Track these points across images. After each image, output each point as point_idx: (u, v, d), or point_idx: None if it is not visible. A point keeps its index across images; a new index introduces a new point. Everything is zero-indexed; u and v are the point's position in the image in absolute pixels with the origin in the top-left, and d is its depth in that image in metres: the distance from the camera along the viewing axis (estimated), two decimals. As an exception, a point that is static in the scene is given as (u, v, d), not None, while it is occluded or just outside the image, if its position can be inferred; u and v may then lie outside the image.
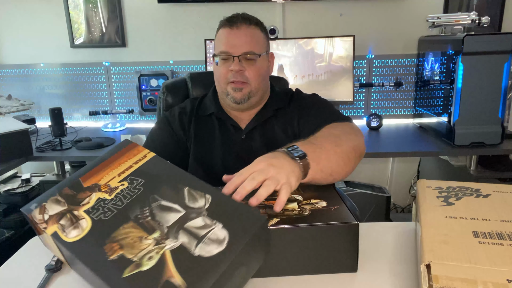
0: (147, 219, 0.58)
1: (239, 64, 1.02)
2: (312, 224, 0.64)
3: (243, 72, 1.03)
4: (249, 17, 1.07)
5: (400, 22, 2.26)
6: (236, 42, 1.03)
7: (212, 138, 1.10)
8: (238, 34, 1.04)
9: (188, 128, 1.12)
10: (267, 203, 0.72)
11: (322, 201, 0.72)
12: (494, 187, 0.77)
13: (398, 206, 2.50)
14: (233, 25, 1.04)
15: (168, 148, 1.10)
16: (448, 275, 0.51)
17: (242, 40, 1.03)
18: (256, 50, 1.04)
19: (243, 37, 1.03)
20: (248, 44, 1.03)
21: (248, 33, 1.05)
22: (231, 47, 1.03)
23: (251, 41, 1.04)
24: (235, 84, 1.04)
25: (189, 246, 0.53)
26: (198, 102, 1.16)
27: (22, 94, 2.39)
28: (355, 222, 0.65)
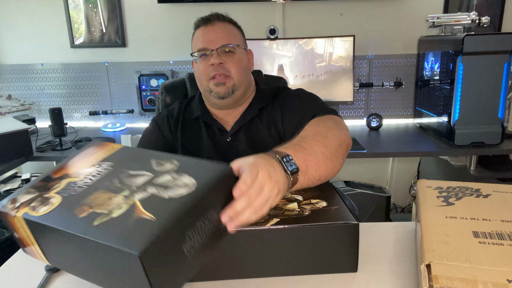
0: (117, 185, 0.58)
1: (218, 57, 1.02)
2: (312, 224, 0.64)
3: (224, 65, 1.03)
4: (221, 14, 1.10)
5: (400, 22, 2.26)
6: (212, 36, 1.04)
7: (199, 141, 1.09)
8: (213, 29, 1.05)
9: (175, 131, 1.11)
10: None
11: (322, 201, 0.72)
12: (494, 187, 0.77)
13: (398, 206, 2.50)
14: (207, 22, 1.06)
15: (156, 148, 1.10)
16: (448, 275, 0.51)
17: (218, 34, 1.04)
18: (233, 42, 1.05)
19: (218, 31, 1.05)
20: (224, 37, 1.04)
21: (223, 27, 1.06)
22: (208, 42, 1.04)
23: (228, 34, 1.05)
24: (216, 78, 1.03)
25: (159, 194, 0.53)
26: (185, 104, 1.15)
27: (22, 94, 2.39)
28: (355, 222, 0.65)
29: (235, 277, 0.66)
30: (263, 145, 1.04)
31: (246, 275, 0.66)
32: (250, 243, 0.64)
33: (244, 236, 0.64)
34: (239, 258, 0.65)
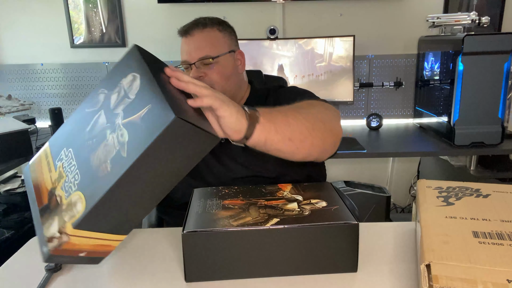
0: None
1: (197, 70, 1.01)
2: (312, 224, 0.64)
3: (203, 78, 1.02)
4: (202, 20, 1.06)
5: (400, 22, 2.26)
6: (190, 49, 1.02)
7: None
8: (191, 41, 1.03)
9: None
10: (267, 203, 0.72)
11: (322, 201, 0.72)
12: (494, 187, 0.77)
13: (398, 206, 2.50)
14: (185, 33, 1.04)
15: None
16: (448, 275, 0.51)
17: (195, 46, 1.02)
18: (212, 53, 1.02)
19: (196, 43, 1.03)
20: (201, 49, 1.02)
21: (201, 37, 1.03)
22: (187, 55, 1.03)
23: (205, 45, 1.03)
24: None
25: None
26: None
27: (22, 94, 2.39)
28: (355, 222, 0.65)
29: (235, 277, 0.66)
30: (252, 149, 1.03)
31: (246, 275, 0.66)
32: (249, 243, 0.64)
33: (244, 236, 0.64)
34: (239, 258, 0.65)
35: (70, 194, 0.58)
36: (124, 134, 0.56)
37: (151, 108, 0.55)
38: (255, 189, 0.80)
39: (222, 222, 0.65)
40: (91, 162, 0.58)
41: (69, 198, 0.57)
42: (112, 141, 0.57)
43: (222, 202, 0.74)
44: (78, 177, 0.58)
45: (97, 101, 0.63)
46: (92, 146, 0.59)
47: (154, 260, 0.73)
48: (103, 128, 0.59)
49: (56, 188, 0.60)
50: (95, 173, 0.56)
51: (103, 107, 0.61)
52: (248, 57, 1.12)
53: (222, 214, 0.68)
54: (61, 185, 0.59)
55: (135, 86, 0.59)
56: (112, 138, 0.57)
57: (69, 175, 0.59)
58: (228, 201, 0.74)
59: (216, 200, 0.75)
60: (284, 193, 0.77)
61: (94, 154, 0.58)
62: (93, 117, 0.61)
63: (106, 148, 0.57)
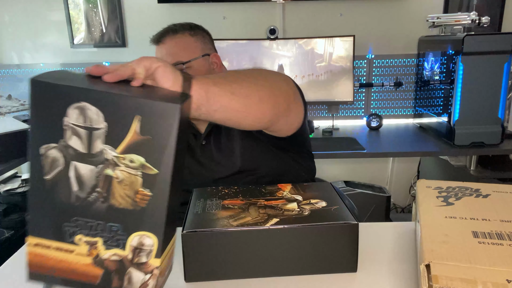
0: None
1: None
2: (312, 224, 0.64)
3: None
4: (173, 27, 1.06)
5: (400, 22, 2.26)
6: (163, 56, 1.03)
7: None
8: (163, 48, 1.04)
9: None
10: (267, 203, 0.72)
11: (322, 201, 0.72)
12: (494, 187, 0.77)
13: (398, 206, 2.50)
14: (157, 41, 1.05)
15: None
16: (448, 275, 0.51)
17: (167, 52, 1.03)
18: (184, 58, 1.03)
19: (168, 49, 1.03)
20: (173, 55, 1.02)
21: (173, 44, 1.04)
22: None
23: (177, 51, 1.03)
24: None
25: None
26: None
27: (22, 94, 2.39)
28: (354, 222, 0.65)
29: (235, 277, 0.66)
30: (233, 148, 1.02)
31: (246, 275, 0.66)
32: (249, 243, 0.64)
33: (244, 236, 0.64)
34: (239, 258, 0.65)
35: (125, 243, 0.55)
36: (133, 157, 0.53)
37: (143, 118, 0.52)
38: (255, 189, 0.80)
39: (222, 222, 0.65)
40: (117, 205, 0.54)
41: (127, 247, 0.55)
42: (125, 173, 0.53)
43: (222, 202, 0.74)
44: (117, 227, 0.55)
45: (54, 161, 0.54)
46: (102, 195, 0.54)
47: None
48: (97, 173, 0.54)
49: (98, 256, 0.56)
50: (135, 209, 0.54)
51: (71, 159, 0.53)
52: (248, 57, 1.11)
53: (221, 214, 0.68)
54: (102, 249, 0.56)
55: (92, 113, 0.52)
56: (121, 171, 0.53)
57: (102, 235, 0.55)
58: (228, 201, 0.74)
59: (216, 200, 0.75)
60: (284, 193, 0.77)
61: (114, 198, 0.54)
62: (68, 175, 0.54)
63: (123, 183, 0.53)
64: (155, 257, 0.55)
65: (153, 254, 0.55)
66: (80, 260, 0.56)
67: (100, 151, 0.53)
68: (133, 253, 0.56)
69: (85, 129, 0.52)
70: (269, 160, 1.00)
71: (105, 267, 0.56)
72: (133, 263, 0.56)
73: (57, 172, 0.53)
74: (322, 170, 2.42)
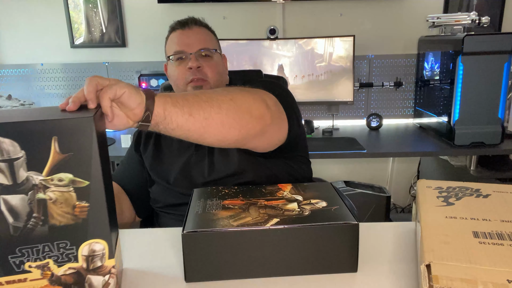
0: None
1: (196, 60, 1.01)
2: (312, 224, 0.64)
3: (202, 69, 1.02)
4: (199, 19, 1.09)
5: (400, 22, 2.26)
6: (190, 40, 1.03)
7: (170, 148, 1.07)
8: (191, 33, 1.04)
9: (146, 143, 1.09)
10: (267, 203, 0.72)
11: (322, 201, 0.72)
12: (494, 187, 0.77)
13: (398, 206, 2.50)
14: (184, 26, 1.05)
15: (131, 163, 1.11)
16: (448, 275, 0.51)
17: (196, 38, 1.04)
18: (211, 46, 1.05)
19: (196, 35, 1.04)
20: (202, 41, 1.04)
21: (201, 31, 1.06)
22: (186, 46, 1.03)
23: (205, 38, 1.05)
24: (194, 82, 1.01)
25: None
26: None
27: (22, 94, 2.39)
28: (355, 222, 0.65)
29: (235, 277, 0.66)
30: (229, 150, 1.01)
31: (246, 275, 0.66)
32: (249, 243, 0.64)
33: (244, 236, 0.64)
34: (239, 258, 0.65)
35: (76, 255, 0.57)
36: (62, 176, 0.54)
37: (60, 137, 0.53)
38: (255, 189, 0.80)
39: (222, 222, 0.65)
40: (58, 224, 0.55)
41: (79, 258, 0.57)
42: (57, 193, 0.54)
43: (222, 202, 0.74)
44: (64, 243, 0.56)
45: None
46: (40, 219, 0.55)
47: (154, 260, 0.73)
48: (29, 200, 0.54)
49: (53, 275, 0.57)
50: (77, 222, 0.56)
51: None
52: (248, 57, 1.12)
53: (222, 214, 0.68)
54: (55, 268, 0.57)
55: (7, 145, 0.52)
56: (53, 192, 0.54)
57: (51, 255, 0.56)
58: (228, 201, 0.74)
59: (216, 200, 0.75)
60: (284, 193, 0.77)
61: (53, 218, 0.55)
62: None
63: (58, 202, 0.55)
64: (109, 258, 0.58)
65: (106, 257, 0.58)
66: (36, 284, 0.57)
67: (26, 179, 0.53)
68: (87, 261, 0.58)
69: (3, 162, 0.52)
70: (258, 164, 0.98)
71: (63, 283, 0.58)
72: (89, 270, 0.58)
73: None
74: (322, 170, 2.42)
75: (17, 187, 0.53)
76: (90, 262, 0.58)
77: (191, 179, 1.00)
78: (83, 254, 0.57)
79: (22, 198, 0.54)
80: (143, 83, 2.25)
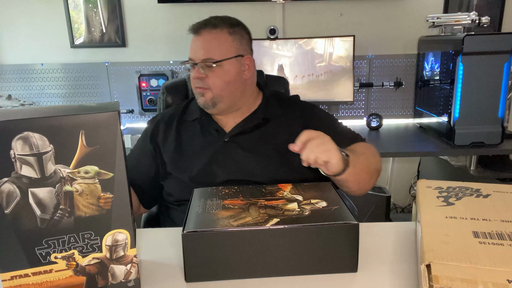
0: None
1: (199, 71, 1.03)
2: (312, 224, 0.64)
3: (204, 79, 1.03)
4: (213, 21, 1.05)
5: (400, 22, 2.26)
6: (197, 48, 1.04)
7: (191, 144, 1.07)
8: (199, 41, 1.04)
9: (165, 135, 1.09)
10: (267, 203, 0.72)
11: (322, 201, 0.72)
12: (494, 187, 0.77)
13: (398, 206, 2.50)
14: (196, 31, 1.05)
15: (144, 158, 1.09)
16: (448, 275, 0.51)
17: (201, 46, 1.04)
18: (216, 56, 1.02)
19: (202, 43, 1.04)
20: (206, 50, 1.03)
21: (209, 38, 1.04)
22: (193, 53, 1.05)
23: (211, 47, 1.03)
24: (198, 89, 1.05)
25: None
26: (184, 106, 1.15)
27: (22, 94, 2.39)
28: (355, 222, 0.65)
29: (235, 277, 0.66)
30: (261, 154, 1.04)
31: (246, 275, 0.66)
32: (250, 243, 0.64)
33: (244, 236, 0.64)
34: (239, 258, 0.65)
35: (100, 245, 0.59)
36: (88, 168, 0.56)
37: (87, 131, 0.55)
38: (255, 189, 0.80)
39: (222, 222, 0.65)
40: (84, 215, 0.57)
41: (103, 248, 0.59)
42: (83, 185, 0.56)
43: (222, 202, 0.74)
44: (89, 234, 0.58)
45: (9, 194, 0.54)
46: (66, 211, 0.57)
47: (154, 260, 0.73)
48: (56, 192, 0.56)
49: (78, 265, 0.59)
50: (101, 213, 0.58)
51: (27, 187, 0.55)
52: (248, 57, 1.12)
53: (222, 214, 0.68)
54: (80, 258, 0.59)
55: (37, 140, 0.53)
56: (79, 184, 0.56)
57: (76, 246, 0.58)
58: (228, 201, 0.74)
59: (216, 200, 0.75)
60: (284, 193, 0.77)
61: (79, 210, 0.57)
62: (28, 203, 0.55)
63: (84, 194, 0.56)
64: (131, 248, 0.61)
65: (129, 246, 0.61)
66: (61, 275, 0.59)
67: (53, 172, 0.55)
68: (110, 251, 0.60)
69: (33, 156, 0.54)
70: (293, 174, 1.02)
71: (87, 273, 0.59)
72: (112, 259, 0.60)
73: (16, 203, 0.55)
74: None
75: (45, 180, 0.55)
76: (113, 251, 0.60)
77: (214, 176, 1.01)
78: (106, 244, 0.59)
79: (50, 191, 0.55)
80: (143, 83, 2.25)
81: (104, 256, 0.60)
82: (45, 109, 0.58)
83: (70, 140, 0.54)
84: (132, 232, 0.60)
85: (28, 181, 0.54)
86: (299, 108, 1.14)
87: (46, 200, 0.55)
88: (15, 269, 0.56)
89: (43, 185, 0.55)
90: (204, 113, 1.10)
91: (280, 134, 1.07)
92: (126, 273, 0.61)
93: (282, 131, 1.07)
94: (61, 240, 0.57)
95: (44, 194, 0.55)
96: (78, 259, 0.59)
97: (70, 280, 0.59)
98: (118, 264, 0.61)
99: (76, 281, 0.59)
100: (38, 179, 0.55)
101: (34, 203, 0.55)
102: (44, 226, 0.56)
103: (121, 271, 0.61)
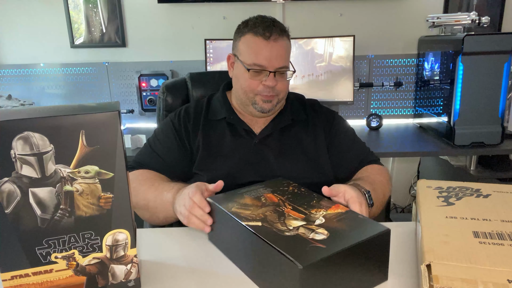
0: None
1: (274, 79, 1.01)
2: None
3: (275, 87, 1.03)
4: (280, 25, 1.05)
5: (400, 22, 2.26)
6: (273, 56, 1.01)
7: (220, 144, 1.06)
8: (274, 48, 1.01)
9: (193, 134, 1.07)
10: (289, 211, 0.72)
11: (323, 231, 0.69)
12: (494, 187, 0.77)
13: (398, 206, 2.50)
14: (269, 36, 1.01)
15: (172, 153, 1.06)
16: (448, 275, 0.51)
17: (278, 54, 1.01)
18: (287, 63, 1.05)
19: (279, 51, 1.02)
20: (283, 58, 1.03)
21: (283, 46, 1.04)
22: (267, 61, 1.01)
23: (285, 54, 1.04)
24: (265, 96, 1.03)
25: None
26: (206, 105, 1.13)
27: (22, 94, 2.39)
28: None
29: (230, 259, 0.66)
30: (291, 155, 1.06)
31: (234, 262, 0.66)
32: (249, 243, 0.65)
33: (233, 222, 0.66)
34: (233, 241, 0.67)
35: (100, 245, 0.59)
36: (88, 168, 0.56)
37: (87, 131, 0.55)
38: (307, 196, 0.78)
39: (231, 204, 0.72)
40: (84, 215, 0.57)
41: (103, 248, 0.59)
42: (84, 184, 0.56)
43: (265, 194, 0.78)
44: (89, 234, 0.58)
45: (9, 194, 0.54)
46: (66, 211, 0.56)
47: (154, 260, 0.73)
48: (56, 192, 0.56)
49: (78, 265, 0.59)
50: (102, 213, 0.58)
51: (28, 187, 0.55)
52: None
53: (245, 201, 0.73)
54: (80, 258, 0.59)
55: (37, 140, 0.53)
56: (79, 184, 0.56)
57: (76, 246, 0.58)
58: (269, 195, 0.77)
59: (265, 189, 0.80)
60: (317, 214, 0.71)
61: (79, 209, 0.57)
62: (28, 203, 0.55)
63: (84, 194, 0.56)
64: (131, 247, 0.61)
65: (129, 246, 0.61)
66: (62, 275, 0.59)
67: (54, 172, 0.55)
68: (110, 251, 0.60)
69: (33, 155, 0.54)
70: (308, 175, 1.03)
71: (87, 273, 0.59)
72: (112, 259, 0.60)
73: (16, 203, 0.55)
74: (322, 170, 2.41)
75: (45, 180, 0.55)
76: (114, 251, 0.60)
77: (243, 177, 1.01)
78: (107, 244, 0.59)
79: (50, 191, 0.55)
80: (143, 83, 2.25)
81: (104, 256, 0.60)
82: (45, 109, 0.58)
83: (71, 140, 0.55)
84: (132, 232, 0.60)
85: (29, 181, 0.54)
86: (323, 114, 1.16)
87: (47, 200, 0.55)
88: (16, 269, 0.56)
89: (43, 185, 0.55)
90: (231, 112, 1.09)
91: (306, 138, 1.09)
92: (126, 273, 0.61)
93: (308, 135, 1.09)
94: (61, 240, 0.57)
95: (44, 194, 0.55)
96: (79, 259, 0.59)
97: (71, 280, 0.59)
98: (118, 264, 0.61)
99: (76, 281, 0.59)
100: (38, 179, 0.55)
101: (34, 203, 0.55)
102: (44, 226, 0.56)
103: (121, 271, 0.61)
